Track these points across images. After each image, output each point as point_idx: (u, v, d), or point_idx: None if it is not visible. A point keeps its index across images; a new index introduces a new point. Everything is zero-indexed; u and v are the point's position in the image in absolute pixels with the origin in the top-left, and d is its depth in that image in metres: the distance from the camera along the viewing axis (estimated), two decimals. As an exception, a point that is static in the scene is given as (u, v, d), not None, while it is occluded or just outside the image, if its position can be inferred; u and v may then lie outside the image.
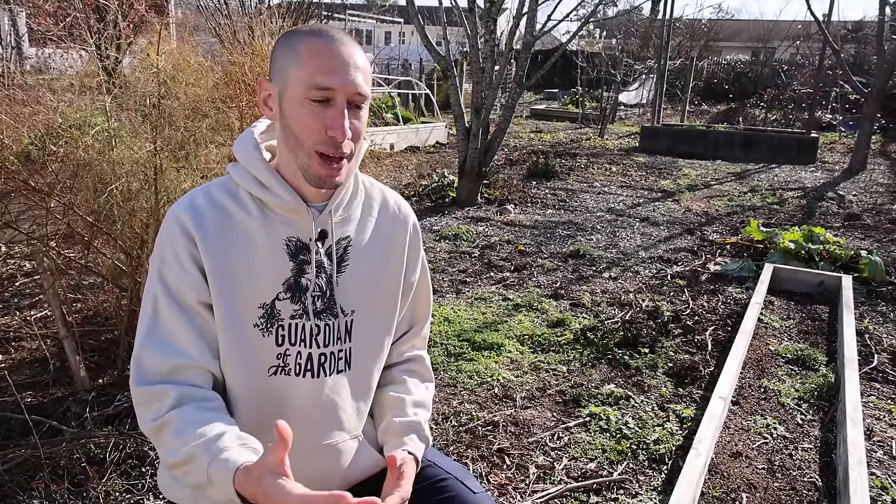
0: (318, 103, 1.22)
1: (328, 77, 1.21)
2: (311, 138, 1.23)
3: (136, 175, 2.89)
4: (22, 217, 3.20)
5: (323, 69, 1.21)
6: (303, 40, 1.23)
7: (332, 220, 1.35)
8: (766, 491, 2.45)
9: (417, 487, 1.49)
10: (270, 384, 1.34)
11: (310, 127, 1.23)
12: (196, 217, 1.27)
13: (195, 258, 1.27)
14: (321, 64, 1.21)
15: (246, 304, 1.30)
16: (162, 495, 2.31)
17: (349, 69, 1.22)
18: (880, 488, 2.50)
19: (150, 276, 1.29)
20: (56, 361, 3.20)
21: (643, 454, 2.72)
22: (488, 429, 2.90)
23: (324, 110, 1.22)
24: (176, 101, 2.98)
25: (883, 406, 3.21)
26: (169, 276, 1.27)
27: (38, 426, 2.55)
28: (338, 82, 1.21)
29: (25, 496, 2.24)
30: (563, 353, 3.69)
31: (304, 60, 1.22)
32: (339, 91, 1.22)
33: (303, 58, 1.22)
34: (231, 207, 1.30)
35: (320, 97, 1.22)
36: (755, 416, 3.01)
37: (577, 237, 6.42)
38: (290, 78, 1.23)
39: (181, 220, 1.27)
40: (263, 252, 1.30)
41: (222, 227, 1.28)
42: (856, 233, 6.90)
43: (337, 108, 1.22)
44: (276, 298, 1.31)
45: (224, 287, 1.27)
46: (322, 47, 1.22)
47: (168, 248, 1.27)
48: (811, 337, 4.00)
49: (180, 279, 1.26)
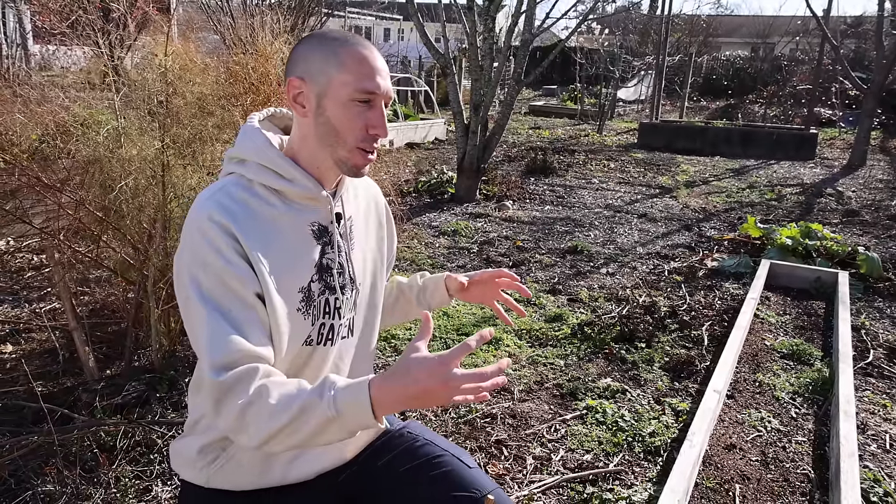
0: (363, 104, 1.35)
1: (373, 82, 1.35)
2: (355, 135, 1.36)
3: (143, 171, 2.94)
4: (31, 212, 3.25)
5: (368, 75, 1.35)
6: (343, 48, 1.36)
7: (343, 201, 1.47)
8: (759, 482, 2.52)
9: (416, 463, 1.58)
10: (297, 355, 1.42)
11: (355, 125, 1.35)
12: (230, 216, 1.31)
13: (241, 254, 1.30)
14: (365, 71, 1.35)
15: (289, 292, 1.37)
16: (170, 481, 2.38)
17: (385, 76, 1.38)
18: (873, 481, 2.56)
19: (190, 282, 1.29)
20: (65, 352, 3.26)
21: (639, 446, 2.78)
22: (486, 420, 2.97)
23: (366, 111, 1.35)
24: (182, 100, 3.04)
25: (877, 401, 3.27)
26: (216, 276, 1.28)
27: (50, 414, 2.61)
28: (380, 87, 1.36)
29: (39, 481, 2.30)
30: (560, 348, 3.76)
31: (349, 67, 1.34)
32: (380, 95, 1.36)
33: (347, 64, 1.34)
34: (253, 203, 1.36)
35: (365, 99, 1.35)
36: (750, 410, 3.07)
37: (575, 233, 6.48)
38: (335, 80, 1.33)
39: (218, 220, 1.29)
40: (294, 239, 1.39)
41: (253, 222, 1.34)
42: (854, 229, 6.96)
43: (377, 110, 1.37)
44: (311, 281, 1.40)
45: (269, 279, 1.34)
46: (364, 56, 1.36)
47: (209, 250, 1.28)
48: (807, 332, 4.06)
49: (230, 276, 1.27)
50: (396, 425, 1.67)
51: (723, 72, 25.22)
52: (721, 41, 31.80)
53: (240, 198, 1.36)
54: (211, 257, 1.28)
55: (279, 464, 1.47)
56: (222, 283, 1.28)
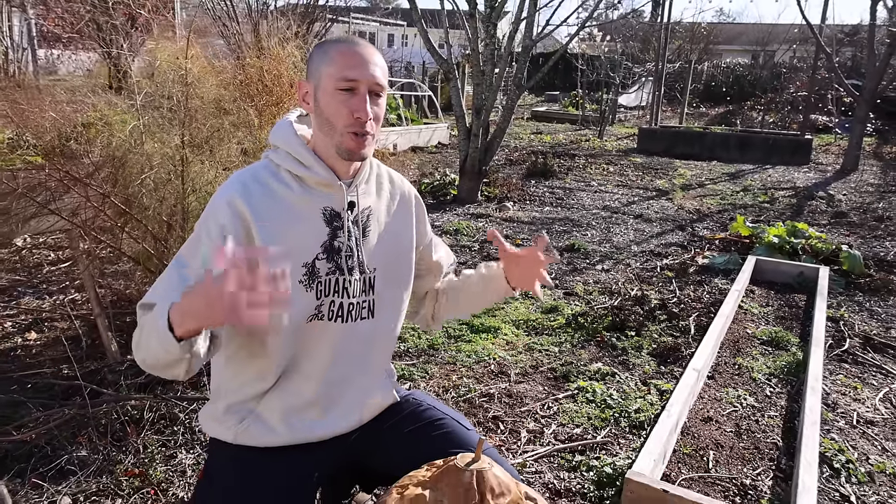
0: (346, 92, 1.52)
1: (353, 71, 1.51)
2: (342, 121, 1.54)
3: (164, 166, 3.17)
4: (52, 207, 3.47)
5: (349, 65, 1.52)
6: (333, 46, 1.55)
7: (358, 192, 1.66)
8: (731, 449, 2.74)
9: (419, 425, 1.79)
10: (306, 329, 1.63)
11: (340, 112, 1.53)
12: (245, 194, 1.55)
13: (235, 229, 1.53)
14: (347, 62, 1.52)
15: (292, 264, 1.59)
16: (193, 450, 2.60)
17: (369, 65, 1.53)
18: (837, 450, 2.77)
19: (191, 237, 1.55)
20: (87, 339, 3.48)
21: (625, 421, 3.00)
22: (484, 399, 3.18)
23: (350, 98, 1.52)
24: (200, 101, 3.26)
25: (849, 383, 3.48)
26: (196, 241, 1.53)
27: (78, 391, 2.84)
28: (360, 75, 1.52)
29: (73, 447, 2.53)
30: (555, 336, 3.97)
31: (334, 60, 1.53)
32: (362, 82, 1.52)
33: (333, 58, 1.53)
34: (274, 185, 1.59)
35: (347, 87, 1.52)
36: (728, 389, 3.29)
37: (573, 232, 6.70)
38: (323, 75, 1.53)
39: (231, 198, 1.55)
40: (304, 219, 1.60)
41: (268, 200, 1.57)
42: (841, 229, 7.17)
43: (360, 96, 1.52)
44: (316, 258, 1.61)
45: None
46: (348, 49, 1.54)
47: (212, 224, 1.53)
48: (787, 322, 4.28)
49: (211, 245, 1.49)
50: (403, 394, 1.88)
51: (723, 79, 25.45)
52: (722, 48, 32.06)
53: (262, 179, 1.59)
54: (210, 223, 1.52)
55: (302, 424, 1.68)
56: (197, 246, 1.51)
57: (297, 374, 1.64)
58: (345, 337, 1.68)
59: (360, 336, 1.71)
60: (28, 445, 2.53)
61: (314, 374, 1.66)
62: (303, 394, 1.66)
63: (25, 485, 2.34)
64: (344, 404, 1.70)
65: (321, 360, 1.66)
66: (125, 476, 2.38)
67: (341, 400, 1.70)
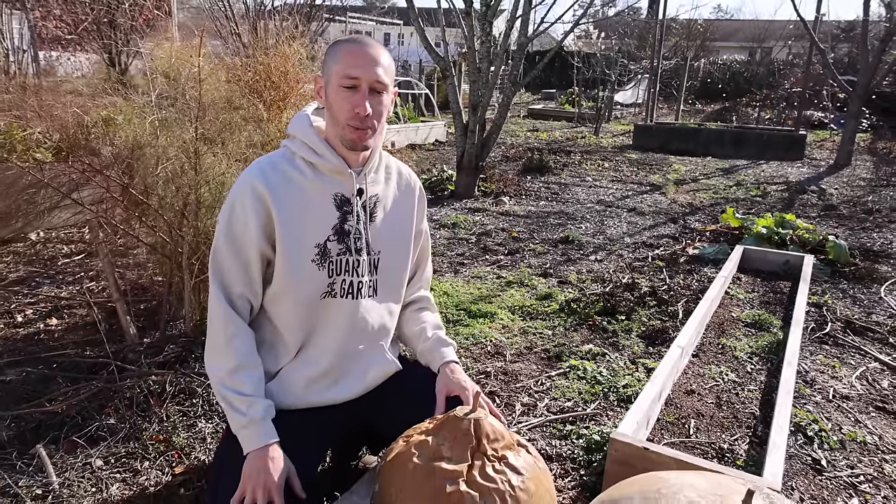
0: (349, 89, 1.70)
1: (356, 69, 1.69)
2: (343, 115, 1.72)
3: (178, 159, 3.36)
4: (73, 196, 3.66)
5: (353, 64, 1.70)
6: (342, 45, 1.74)
7: (367, 180, 1.85)
8: (711, 418, 2.94)
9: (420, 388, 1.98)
10: (320, 305, 1.83)
11: (343, 107, 1.72)
12: (264, 178, 1.75)
13: (262, 216, 1.73)
14: (352, 60, 1.70)
15: (305, 245, 1.78)
16: (211, 420, 2.80)
17: (372, 64, 1.71)
18: (812, 420, 2.97)
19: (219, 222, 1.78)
20: (106, 325, 3.67)
21: (613, 396, 3.20)
22: (481, 377, 3.38)
23: (352, 94, 1.71)
24: (210, 96, 3.45)
25: (828, 363, 3.67)
26: (235, 225, 1.75)
27: (105, 367, 3.04)
28: (362, 73, 1.70)
29: (102, 417, 2.73)
30: (549, 321, 4.17)
31: (341, 59, 1.72)
32: (364, 80, 1.70)
33: (341, 57, 1.72)
34: (290, 171, 1.78)
35: (350, 84, 1.70)
36: (711, 366, 3.49)
37: (568, 225, 6.90)
38: (332, 72, 1.73)
39: (253, 183, 1.75)
40: (317, 204, 1.79)
41: (285, 185, 1.76)
42: (831, 222, 7.37)
43: (361, 93, 1.70)
44: (328, 240, 1.80)
45: (288, 231, 1.76)
46: (354, 49, 1.73)
47: (238, 204, 1.75)
48: (771, 307, 4.48)
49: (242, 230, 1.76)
50: (405, 364, 2.08)
51: (719, 75, 25.63)
52: (718, 45, 32.21)
53: (279, 165, 1.79)
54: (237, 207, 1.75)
55: (317, 388, 1.88)
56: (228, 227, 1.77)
57: (315, 347, 1.85)
58: (355, 312, 1.88)
59: (368, 312, 1.91)
60: (60, 416, 2.73)
61: (330, 347, 1.87)
62: (320, 363, 1.87)
63: (60, 449, 2.54)
64: (354, 373, 1.92)
65: (336, 334, 1.86)
66: (151, 441, 2.59)
67: (353, 369, 1.91)
